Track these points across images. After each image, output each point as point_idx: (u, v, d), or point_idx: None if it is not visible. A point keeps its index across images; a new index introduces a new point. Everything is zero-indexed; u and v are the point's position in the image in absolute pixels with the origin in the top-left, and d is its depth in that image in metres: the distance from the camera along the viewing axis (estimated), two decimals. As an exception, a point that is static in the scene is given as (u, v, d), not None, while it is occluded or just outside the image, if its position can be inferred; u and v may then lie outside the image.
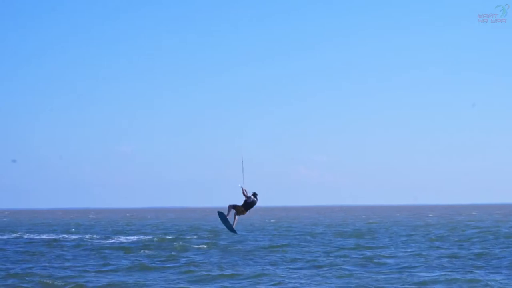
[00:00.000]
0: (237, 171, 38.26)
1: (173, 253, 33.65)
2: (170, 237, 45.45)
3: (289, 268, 26.92)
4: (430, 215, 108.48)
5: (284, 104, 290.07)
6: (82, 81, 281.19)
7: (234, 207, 36.41)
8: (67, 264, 29.20)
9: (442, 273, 24.41)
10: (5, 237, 49.71)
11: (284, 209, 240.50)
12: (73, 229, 62.81)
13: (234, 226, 36.69)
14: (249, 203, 36.21)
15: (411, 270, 25.63)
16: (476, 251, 32.39)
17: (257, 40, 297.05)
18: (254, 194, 36.26)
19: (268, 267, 27.19)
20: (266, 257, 30.73)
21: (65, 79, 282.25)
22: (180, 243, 39.50)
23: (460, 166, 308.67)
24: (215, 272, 25.26)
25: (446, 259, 29.27)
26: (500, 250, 33.28)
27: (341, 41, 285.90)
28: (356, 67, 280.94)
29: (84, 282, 23.44)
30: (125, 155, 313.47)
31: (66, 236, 49.89)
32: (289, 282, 22.85)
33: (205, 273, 24.97)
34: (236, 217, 36.66)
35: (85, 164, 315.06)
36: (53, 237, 47.86)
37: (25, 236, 49.78)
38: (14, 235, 52.19)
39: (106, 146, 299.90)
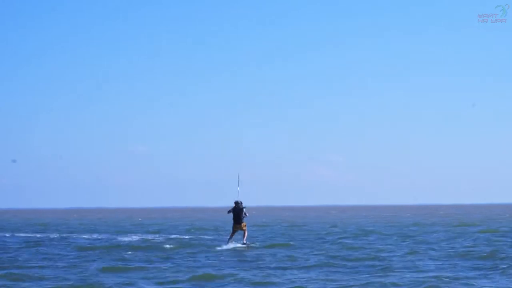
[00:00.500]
0: (239, 171, 37.90)
1: (174, 252, 33.06)
2: (172, 237, 45.00)
3: (293, 268, 26.26)
4: (440, 213, 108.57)
5: (287, 104, 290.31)
6: (82, 81, 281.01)
7: (232, 230, 36.08)
8: (59, 263, 28.55)
9: (452, 274, 23.79)
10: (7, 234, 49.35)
11: (285, 208, 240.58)
12: (75, 228, 62.44)
13: (245, 240, 36.14)
14: (233, 218, 35.77)
15: (422, 270, 25.01)
16: (488, 250, 31.81)
17: (258, 40, 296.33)
18: (236, 203, 35.75)
19: (271, 267, 26.56)
20: (270, 257, 30.18)
21: (65, 79, 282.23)
22: (183, 242, 39.03)
23: (460, 166, 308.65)
24: (215, 272, 24.60)
25: (457, 259, 28.64)
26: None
27: (341, 41, 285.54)
28: (356, 68, 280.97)
29: (74, 281, 22.71)
30: (126, 154, 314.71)
31: (66, 235, 49.41)
32: (293, 283, 22.14)
33: (206, 274, 24.30)
34: (245, 232, 36.16)
35: (86, 164, 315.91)
36: (53, 237, 47.40)
37: (38, 235, 49.38)
38: (22, 234, 51.73)
39: (106, 146, 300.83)
